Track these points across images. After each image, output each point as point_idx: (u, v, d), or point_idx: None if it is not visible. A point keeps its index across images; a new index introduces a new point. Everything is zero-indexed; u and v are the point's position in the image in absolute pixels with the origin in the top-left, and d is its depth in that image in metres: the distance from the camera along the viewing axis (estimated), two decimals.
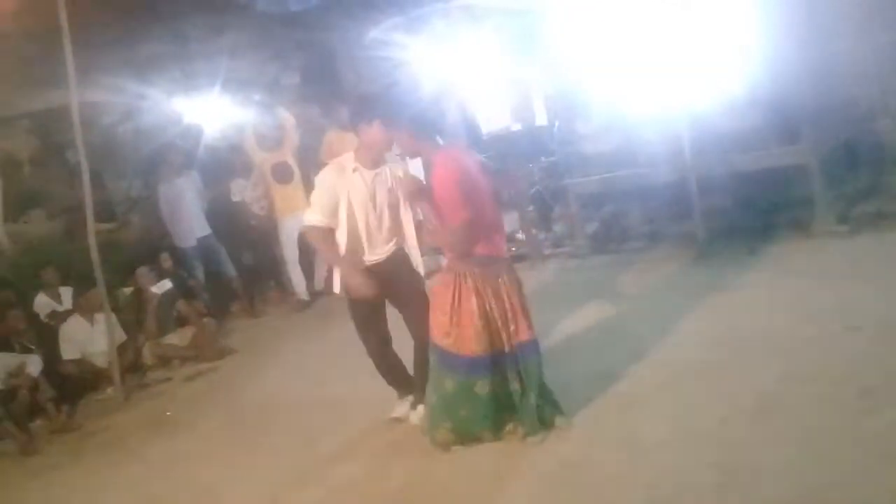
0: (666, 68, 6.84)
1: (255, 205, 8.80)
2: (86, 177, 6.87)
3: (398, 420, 4.81)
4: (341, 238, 4.50)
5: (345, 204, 4.46)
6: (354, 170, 4.48)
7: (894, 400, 3.71)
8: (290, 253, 8.59)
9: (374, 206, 4.52)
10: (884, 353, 4.21)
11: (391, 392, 4.90)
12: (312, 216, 4.50)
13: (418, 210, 4.57)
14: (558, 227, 8.81)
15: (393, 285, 4.57)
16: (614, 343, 5.28)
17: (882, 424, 3.52)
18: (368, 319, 4.65)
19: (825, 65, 6.86)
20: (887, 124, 7.09)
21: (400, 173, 4.60)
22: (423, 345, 4.44)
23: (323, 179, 4.51)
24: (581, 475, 3.77)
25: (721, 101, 6.80)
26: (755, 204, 7.14)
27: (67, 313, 7.53)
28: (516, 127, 9.20)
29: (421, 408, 4.64)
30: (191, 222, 8.80)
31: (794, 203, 6.95)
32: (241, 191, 8.87)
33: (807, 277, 5.69)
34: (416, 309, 4.52)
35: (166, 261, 8.51)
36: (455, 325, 4.13)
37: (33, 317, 7.67)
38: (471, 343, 4.11)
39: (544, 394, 4.28)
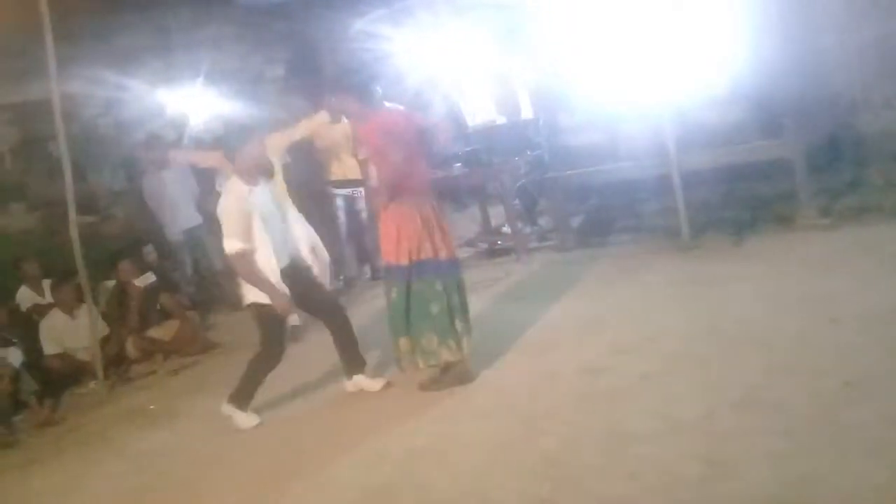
0: (650, 62, 6.85)
1: None
2: (67, 169, 6.81)
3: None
4: (261, 258, 4.89)
5: (256, 224, 4.83)
6: (250, 190, 4.87)
7: (877, 392, 3.74)
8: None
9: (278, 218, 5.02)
10: (866, 344, 4.24)
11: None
12: (234, 243, 4.80)
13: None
14: (543, 221, 8.83)
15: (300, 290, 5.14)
16: (597, 336, 5.29)
17: (865, 416, 3.54)
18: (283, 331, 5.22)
19: (809, 59, 6.90)
20: (869, 118, 7.15)
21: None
22: (344, 328, 5.29)
23: (229, 205, 4.84)
24: (564, 468, 3.77)
25: (705, 95, 6.83)
26: (739, 197, 7.18)
27: (48, 307, 7.47)
28: (501, 120, 9.18)
29: (357, 377, 5.30)
30: (175, 214, 8.71)
31: (777, 196, 6.99)
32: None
33: (790, 270, 5.72)
34: (328, 303, 5.35)
35: (150, 254, 8.45)
36: (398, 241, 4.87)
37: (15, 310, 7.61)
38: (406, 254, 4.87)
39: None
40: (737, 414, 3.86)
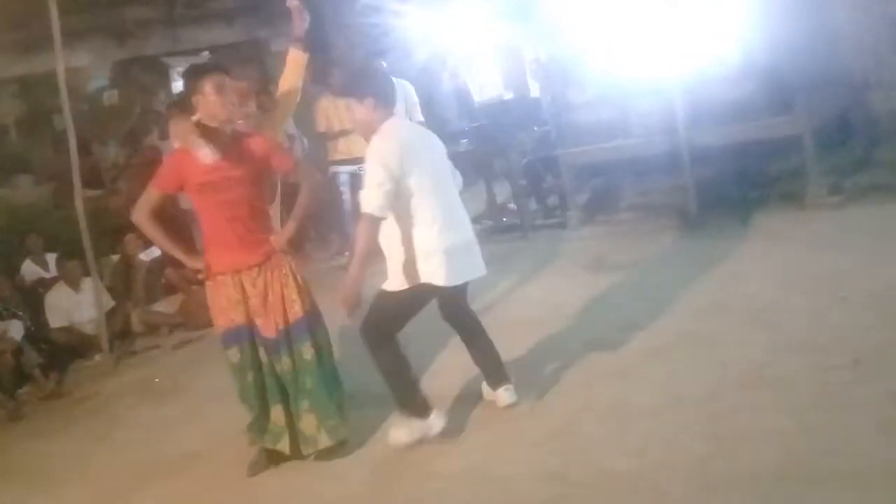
0: (660, 37, 6.77)
1: None
2: (73, 143, 6.78)
3: None
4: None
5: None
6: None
7: (884, 370, 3.71)
8: None
9: None
10: (874, 323, 4.20)
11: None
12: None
13: None
14: (550, 198, 8.78)
15: None
16: (604, 312, 5.27)
17: (872, 394, 3.52)
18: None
19: (821, 36, 6.81)
20: (881, 96, 7.07)
21: None
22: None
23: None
24: (572, 442, 3.77)
25: (715, 71, 6.75)
26: (748, 175, 7.12)
27: (53, 281, 7.48)
28: (508, 96, 9.12)
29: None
30: None
31: (787, 174, 6.93)
32: None
33: (798, 248, 5.68)
34: None
35: None
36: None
37: (19, 283, 7.62)
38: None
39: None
40: (743, 391, 3.85)
